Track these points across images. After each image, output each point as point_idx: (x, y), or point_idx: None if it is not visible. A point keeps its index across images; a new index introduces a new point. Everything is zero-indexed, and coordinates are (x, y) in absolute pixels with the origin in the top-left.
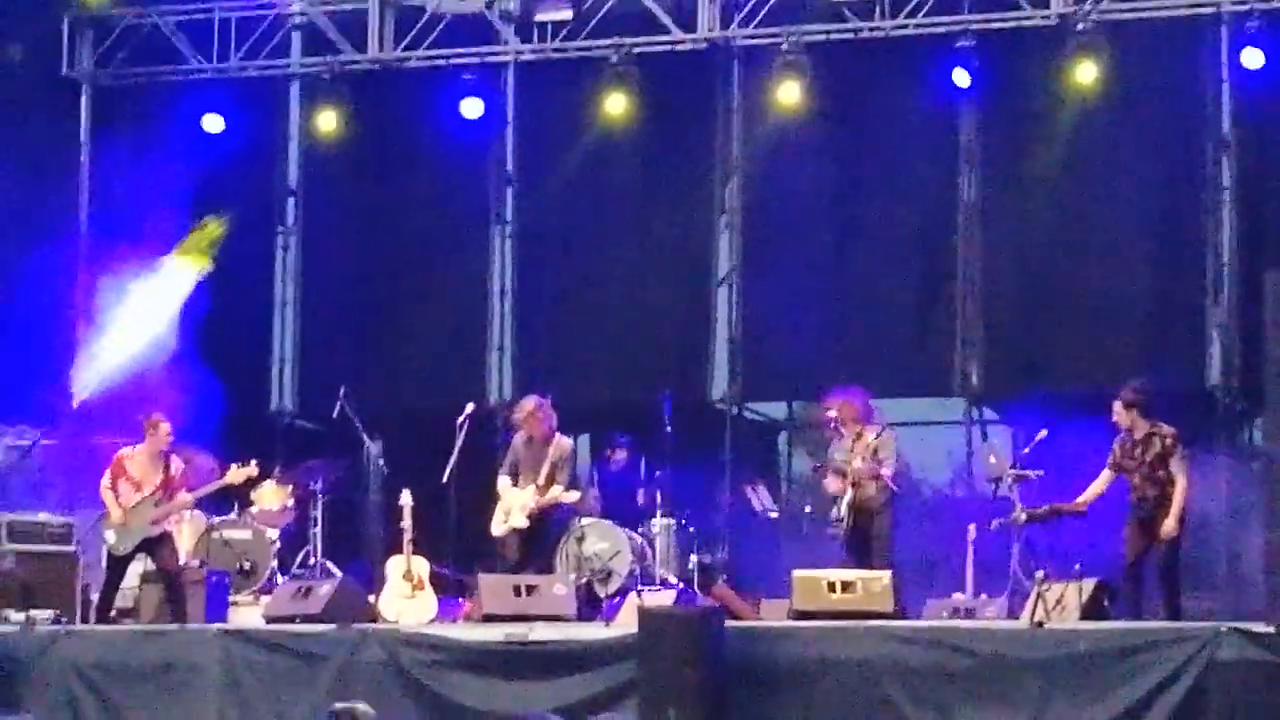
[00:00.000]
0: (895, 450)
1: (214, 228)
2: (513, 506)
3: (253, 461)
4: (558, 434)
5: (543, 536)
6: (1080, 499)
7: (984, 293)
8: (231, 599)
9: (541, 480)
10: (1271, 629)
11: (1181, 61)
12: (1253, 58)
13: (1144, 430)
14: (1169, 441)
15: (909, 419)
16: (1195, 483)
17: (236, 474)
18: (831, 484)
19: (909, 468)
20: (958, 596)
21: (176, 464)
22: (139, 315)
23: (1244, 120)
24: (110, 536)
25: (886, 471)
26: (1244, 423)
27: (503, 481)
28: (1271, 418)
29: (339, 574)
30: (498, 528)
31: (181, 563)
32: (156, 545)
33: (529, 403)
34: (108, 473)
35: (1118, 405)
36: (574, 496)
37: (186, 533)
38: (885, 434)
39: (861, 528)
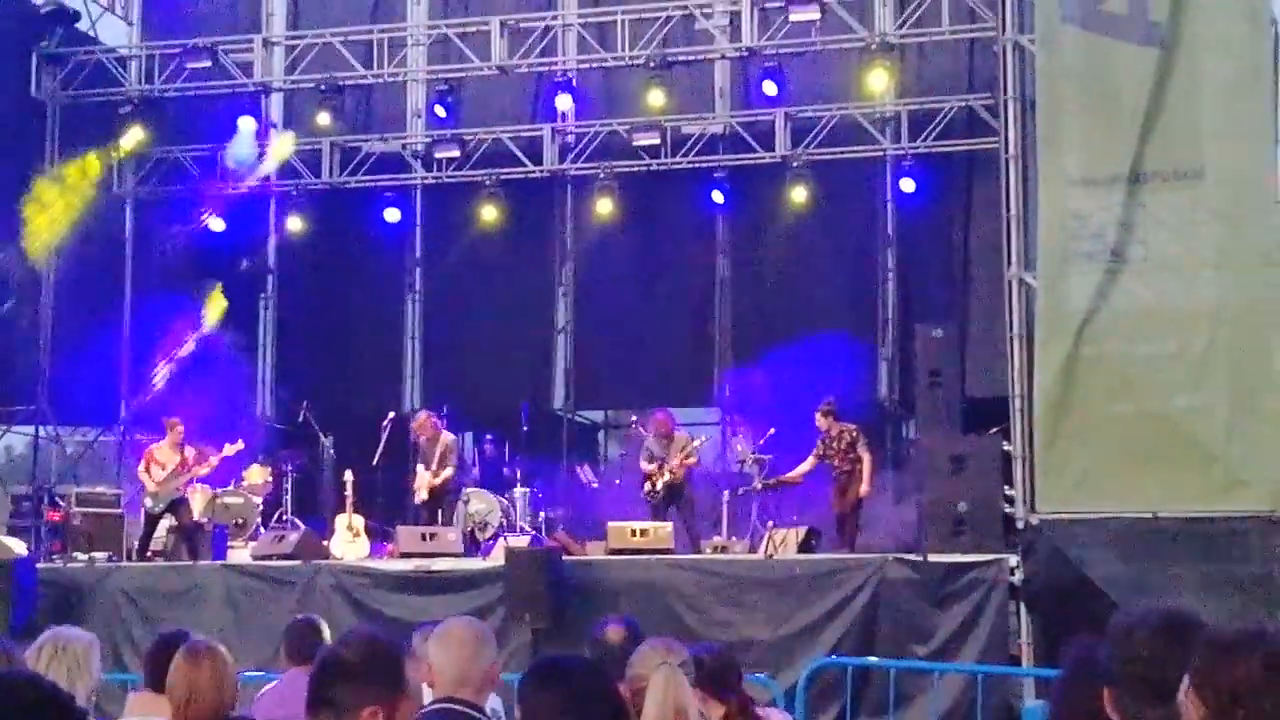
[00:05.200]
0: (694, 448)
1: (218, 297)
2: (420, 486)
3: (239, 440)
4: (442, 432)
5: (440, 503)
6: (794, 473)
7: (733, 339)
8: (230, 544)
9: (434, 466)
10: (920, 558)
11: (862, 186)
12: (908, 185)
13: (837, 429)
14: (854, 434)
15: (685, 421)
16: (875, 459)
17: (229, 449)
18: (647, 467)
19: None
20: (716, 539)
21: (189, 450)
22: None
23: (902, 225)
24: (148, 502)
25: (691, 460)
26: (902, 423)
27: (419, 468)
28: (920, 420)
29: (303, 526)
30: (417, 498)
31: (195, 519)
32: (179, 506)
33: (420, 415)
34: (141, 462)
35: (818, 415)
36: (448, 473)
37: (199, 499)
38: (689, 438)
39: (670, 497)
